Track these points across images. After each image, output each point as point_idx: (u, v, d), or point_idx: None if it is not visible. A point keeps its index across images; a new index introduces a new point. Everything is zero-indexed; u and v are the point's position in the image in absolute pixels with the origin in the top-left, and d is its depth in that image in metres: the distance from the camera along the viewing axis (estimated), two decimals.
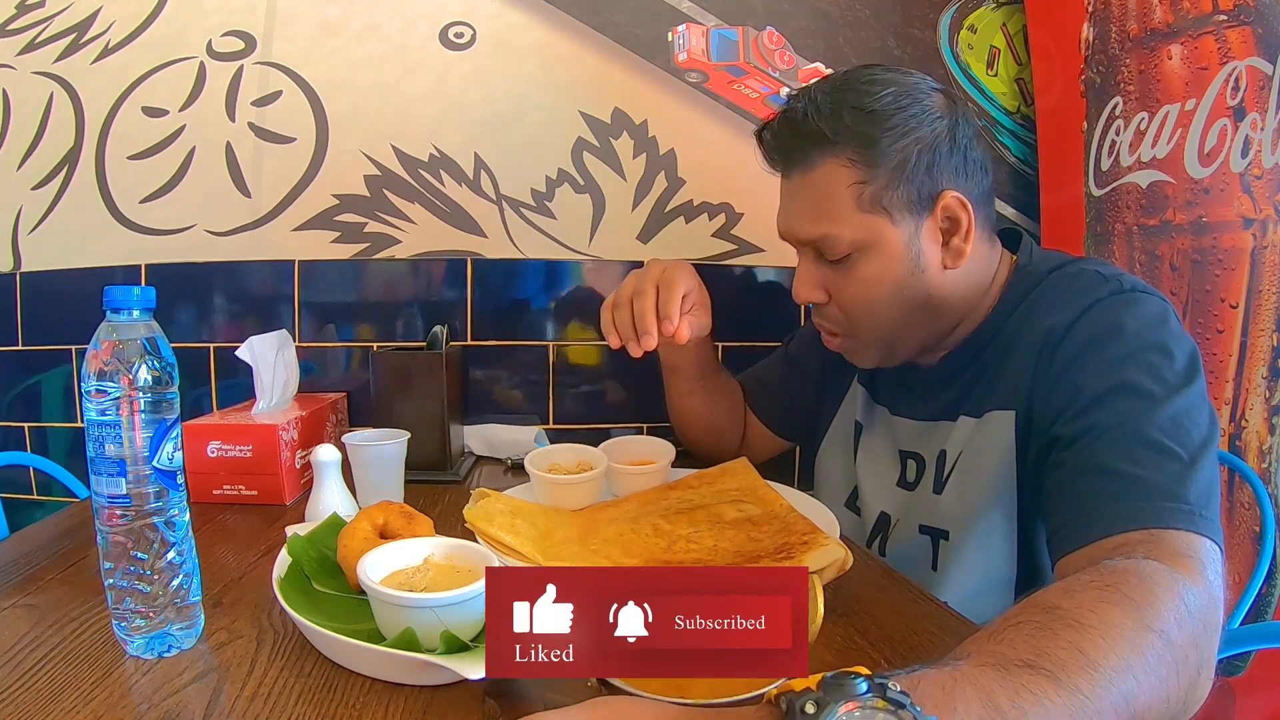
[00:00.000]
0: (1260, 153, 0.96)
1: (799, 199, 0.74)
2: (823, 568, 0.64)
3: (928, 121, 0.69)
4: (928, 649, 0.56)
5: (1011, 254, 0.79)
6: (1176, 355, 0.61)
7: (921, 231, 0.71)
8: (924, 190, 0.70)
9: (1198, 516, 0.52)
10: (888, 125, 0.69)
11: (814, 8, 1.30)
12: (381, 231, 1.23)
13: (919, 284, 0.72)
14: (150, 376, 0.51)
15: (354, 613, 0.56)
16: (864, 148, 0.69)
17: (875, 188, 0.69)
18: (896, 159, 0.69)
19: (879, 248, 0.71)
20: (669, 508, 0.81)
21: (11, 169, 1.21)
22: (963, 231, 0.71)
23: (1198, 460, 0.56)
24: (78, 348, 1.21)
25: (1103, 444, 0.58)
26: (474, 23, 1.24)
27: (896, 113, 0.69)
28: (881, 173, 0.69)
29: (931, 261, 0.72)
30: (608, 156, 1.27)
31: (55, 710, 0.45)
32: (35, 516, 1.13)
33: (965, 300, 0.75)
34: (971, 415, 0.74)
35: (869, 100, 0.69)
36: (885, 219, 0.70)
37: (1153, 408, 0.58)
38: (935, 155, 0.69)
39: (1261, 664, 0.97)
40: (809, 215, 0.73)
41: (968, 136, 0.71)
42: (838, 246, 0.72)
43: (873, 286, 0.72)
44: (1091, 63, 1.16)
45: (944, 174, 0.70)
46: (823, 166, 0.71)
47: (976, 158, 0.72)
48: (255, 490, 0.89)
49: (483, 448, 1.15)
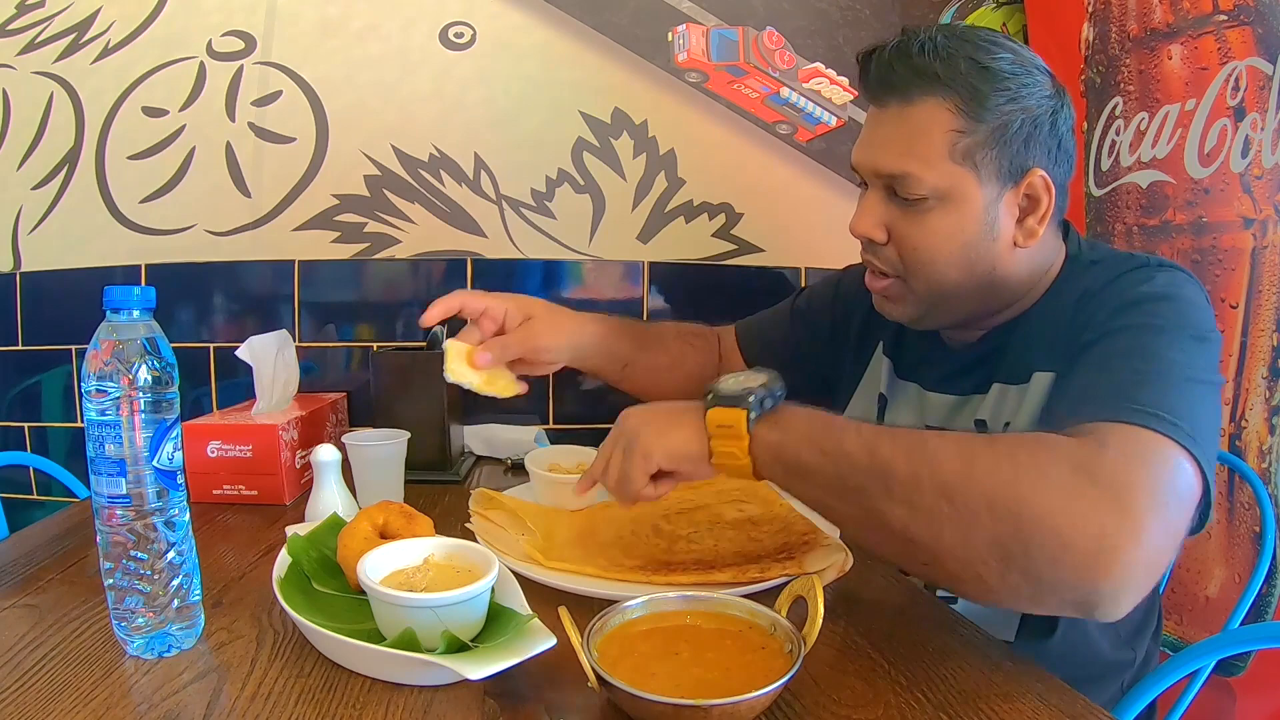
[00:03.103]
0: (1260, 153, 0.95)
1: (890, 130, 0.71)
2: (823, 568, 0.64)
3: (1037, 96, 0.69)
4: (928, 649, 0.56)
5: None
6: (1203, 316, 0.63)
7: (1002, 200, 0.69)
8: (1016, 160, 0.68)
9: (1159, 418, 0.52)
10: (1000, 85, 0.67)
11: (814, 8, 1.30)
12: (381, 231, 1.23)
13: (987, 252, 0.70)
14: (150, 376, 0.51)
15: (354, 613, 0.56)
16: (971, 99, 0.67)
17: (972, 141, 0.68)
18: (1000, 120, 0.68)
19: (958, 202, 0.69)
20: (669, 508, 0.81)
21: (11, 169, 1.21)
22: (1040, 213, 0.70)
23: (1190, 385, 0.56)
24: (78, 348, 1.21)
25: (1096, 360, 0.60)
26: (474, 23, 1.24)
27: (1011, 77, 0.68)
28: (983, 129, 0.68)
29: (1005, 233, 0.70)
30: (608, 156, 1.27)
31: (55, 710, 0.45)
32: (35, 516, 1.13)
33: (1023, 283, 0.73)
34: (1006, 382, 0.73)
35: (987, 57, 0.68)
36: (973, 176, 0.68)
37: (1158, 338, 0.59)
38: (1036, 130, 0.68)
39: (1261, 664, 0.97)
40: (897, 148, 0.70)
41: (1068, 124, 0.71)
42: (917, 188, 0.69)
43: (941, 240, 0.70)
44: (1091, 63, 1.16)
45: (1038, 151, 0.69)
46: (925, 104, 0.69)
47: (1069, 147, 0.71)
48: (255, 490, 0.89)
49: (483, 448, 1.15)
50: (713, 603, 0.54)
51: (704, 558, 0.69)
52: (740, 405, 0.59)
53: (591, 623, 0.50)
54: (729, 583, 0.63)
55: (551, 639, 0.49)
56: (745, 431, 0.59)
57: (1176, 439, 0.51)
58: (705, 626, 0.53)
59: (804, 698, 0.49)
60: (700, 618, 0.53)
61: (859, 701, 0.49)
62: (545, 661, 0.49)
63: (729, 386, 0.61)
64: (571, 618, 0.48)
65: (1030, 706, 0.48)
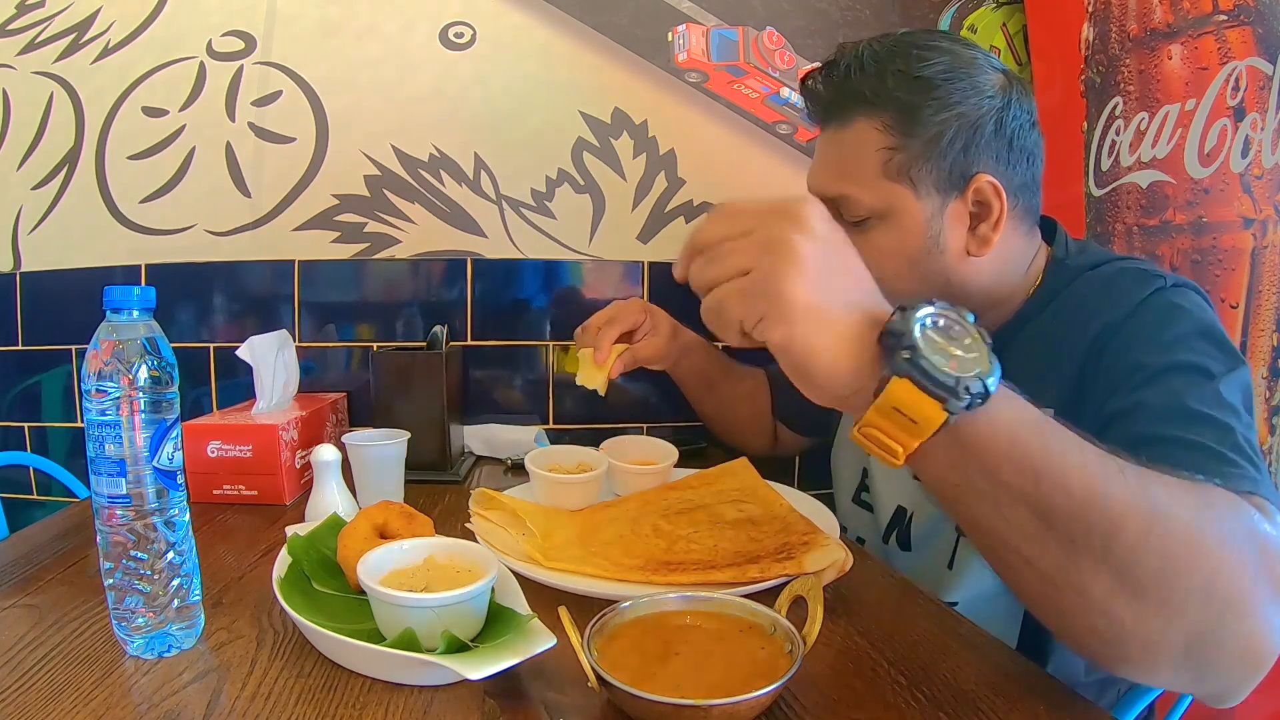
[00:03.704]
0: (1260, 153, 0.96)
1: (827, 153, 0.73)
2: (823, 568, 0.64)
3: (975, 98, 0.67)
4: (928, 649, 0.56)
5: (1048, 245, 0.76)
6: (1225, 341, 0.61)
7: (946, 211, 0.68)
8: (957, 169, 0.67)
9: (1261, 481, 0.51)
10: (932, 95, 0.66)
11: (814, 8, 1.30)
12: (381, 231, 1.23)
13: (936, 265, 0.69)
14: (150, 376, 0.51)
15: (354, 613, 0.56)
16: (902, 114, 0.67)
17: (905, 157, 0.67)
18: (933, 131, 0.66)
19: (897, 219, 0.68)
20: (669, 508, 0.81)
21: (11, 169, 1.20)
22: (992, 219, 0.68)
23: (1247, 432, 0.55)
24: (78, 348, 1.21)
25: (1154, 415, 0.57)
26: (474, 23, 1.24)
27: (944, 84, 0.66)
28: (915, 143, 0.67)
29: (953, 244, 0.69)
30: (608, 156, 1.27)
31: (55, 710, 0.45)
32: (35, 516, 1.13)
33: (990, 291, 0.71)
34: None
35: (918, 66, 0.67)
36: (909, 191, 0.68)
37: (1205, 382, 0.57)
38: (976, 134, 0.67)
39: None
40: (833, 172, 0.71)
41: (1019, 121, 0.68)
42: (856, 209, 0.69)
43: (887, 257, 0.69)
44: (1091, 63, 1.16)
45: (983, 155, 0.67)
46: (856, 125, 0.69)
47: (1025, 145, 0.69)
48: (255, 490, 0.89)
49: (483, 448, 1.15)
50: (713, 603, 0.54)
51: (704, 558, 0.69)
52: (946, 396, 0.41)
53: (591, 623, 0.50)
54: (729, 583, 0.63)
55: (551, 639, 0.49)
56: (930, 432, 0.42)
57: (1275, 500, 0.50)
58: (705, 626, 0.53)
59: (804, 698, 0.49)
60: (700, 618, 0.53)
61: (859, 701, 0.49)
62: (545, 661, 0.49)
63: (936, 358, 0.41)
64: (571, 618, 0.48)
65: (1030, 707, 0.48)
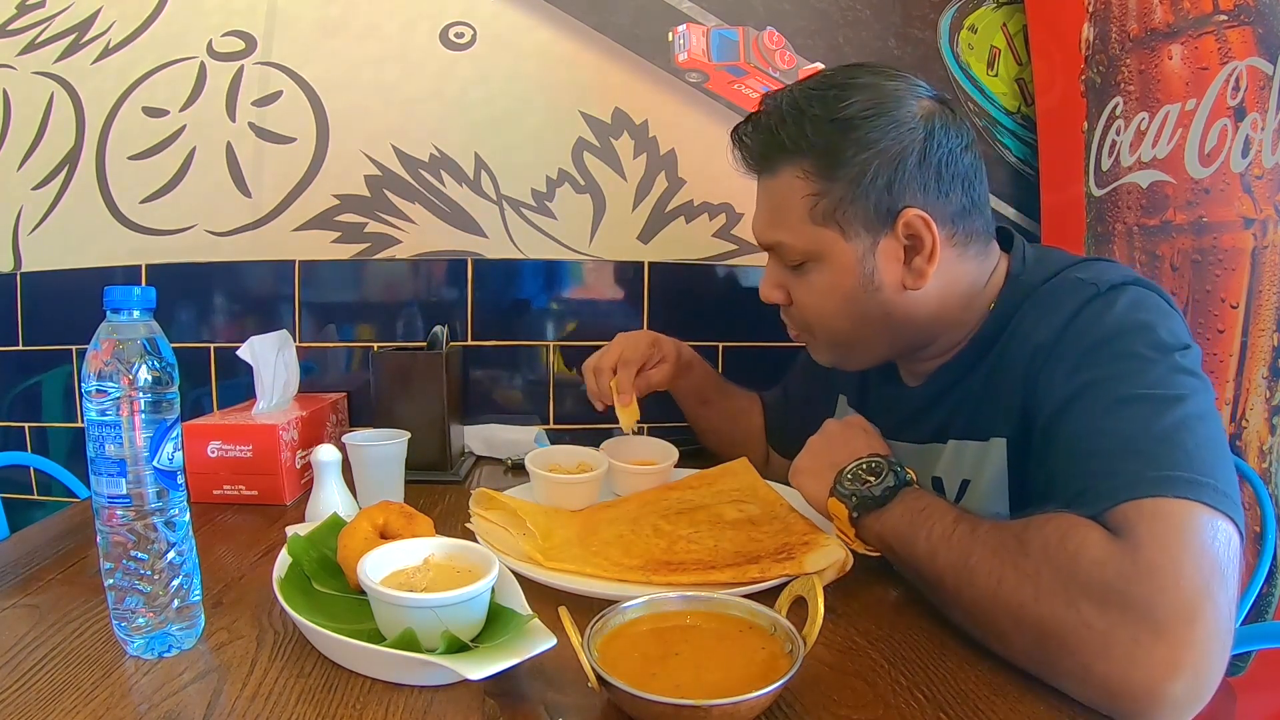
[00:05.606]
0: (1260, 153, 0.95)
1: (762, 201, 0.74)
2: (823, 568, 0.64)
3: (895, 132, 0.66)
4: (928, 649, 0.56)
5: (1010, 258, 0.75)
6: (1154, 331, 0.59)
7: (878, 249, 0.68)
8: (882, 206, 0.67)
9: (1187, 482, 0.50)
10: (850, 136, 0.66)
11: (814, 8, 1.30)
12: (382, 231, 1.23)
13: (874, 301, 0.70)
14: (150, 376, 0.51)
15: (354, 613, 0.56)
16: (821, 159, 0.67)
17: (829, 201, 0.67)
18: (854, 171, 0.66)
19: (830, 261, 0.70)
20: (669, 508, 0.81)
21: (11, 169, 1.21)
22: (925, 251, 0.67)
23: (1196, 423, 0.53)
24: (78, 348, 1.21)
25: (1065, 446, 0.57)
26: (474, 23, 1.24)
27: (862, 123, 0.66)
28: (838, 186, 0.67)
29: (888, 280, 0.69)
30: (608, 156, 1.27)
31: (55, 710, 0.45)
32: (35, 516, 1.13)
33: (939, 317, 0.71)
34: (961, 439, 0.71)
35: (836, 108, 0.67)
36: (837, 233, 0.68)
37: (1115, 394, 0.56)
38: (899, 170, 0.66)
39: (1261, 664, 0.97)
40: (767, 220, 0.73)
41: (946, 149, 0.67)
42: (790, 255, 0.72)
43: (823, 297, 0.71)
44: (1092, 63, 1.16)
45: (907, 190, 0.66)
46: (781, 174, 0.70)
47: (957, 171, 0.68)
48: (255, 490, 0.89)
49: (483, 448, 1.15)
50: (713, 603, 0.54)
51: (704, 558, 0.69)
52: (845, 502, 0.66)
53: (591, 623, 0.50)
54: (729, 583, 0.63)
55: (551, 639, 0.49)
56: (849, 525, 0.66)
57: (1209, 502, 0.49)
58: (705, 626, 0.53)
59: (804, 698, 0.49)
60: (700, 618, 0.53)
61: (859, 701, 0.49)
62: (545, 661, 0.49)
63: (846, 479, 0.67)
64: (571, 618, 0.48)
65: (1030, 707, 0.48)
